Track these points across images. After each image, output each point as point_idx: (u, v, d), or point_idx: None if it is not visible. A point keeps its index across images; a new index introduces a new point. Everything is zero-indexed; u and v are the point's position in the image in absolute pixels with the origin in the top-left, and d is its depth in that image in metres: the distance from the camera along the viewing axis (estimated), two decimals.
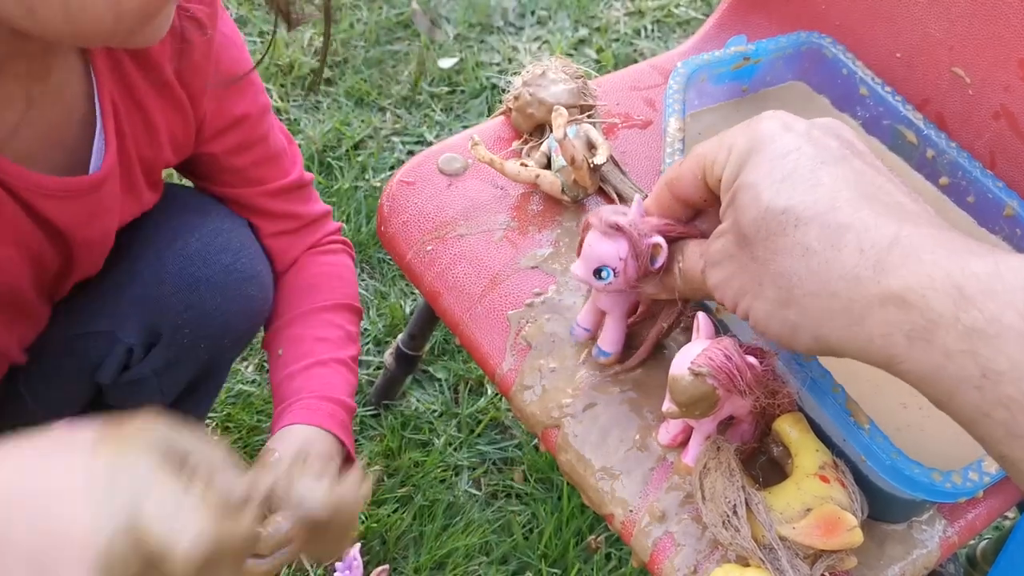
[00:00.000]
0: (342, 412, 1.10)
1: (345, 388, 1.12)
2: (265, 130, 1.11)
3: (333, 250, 1.21)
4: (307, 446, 1.05)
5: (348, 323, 1.18)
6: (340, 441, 1.08)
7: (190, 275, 1.08)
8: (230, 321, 1.12)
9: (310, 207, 1.19)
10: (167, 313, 1.08)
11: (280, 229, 1.17)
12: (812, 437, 0.82)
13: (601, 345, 0.94)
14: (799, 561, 0.76)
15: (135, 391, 1.16)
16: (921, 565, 0.86)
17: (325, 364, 1.13)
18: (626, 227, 0.79)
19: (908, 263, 0.59)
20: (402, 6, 2.24)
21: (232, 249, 1.11)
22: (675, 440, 0.90)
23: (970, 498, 0.81)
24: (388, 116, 2.03)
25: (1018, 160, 1.08)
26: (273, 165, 1.14)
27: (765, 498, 0.79)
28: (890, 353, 0.59)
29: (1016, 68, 1.07)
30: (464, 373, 1.65)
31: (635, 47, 2.24)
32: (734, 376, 0.77)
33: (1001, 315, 0.54)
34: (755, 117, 0.71)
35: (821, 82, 1.18)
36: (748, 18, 1.26)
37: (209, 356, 1.15)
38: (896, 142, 1.12)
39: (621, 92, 1.21)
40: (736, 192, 0.68)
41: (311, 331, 1.15)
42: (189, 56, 0.98)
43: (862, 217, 0.62)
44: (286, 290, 1.18)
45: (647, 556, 0.85)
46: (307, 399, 1.10)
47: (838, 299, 0.62)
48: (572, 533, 1.48)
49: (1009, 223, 1.04)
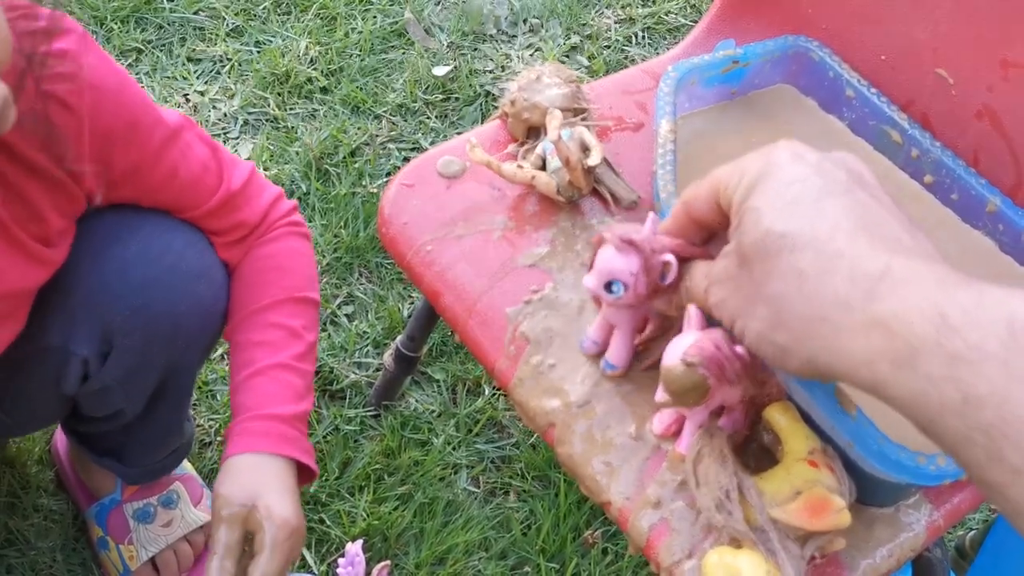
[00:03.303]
0: (279, 426, 1.10)
1: (285, 395, 1.12)
2: (176, 158, 1.07)
3: (278, 237, 1.17)
4: (249, 489, 1.06)
5: (291, 317, 1.15)
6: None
7: (133, 278, 1.07)
8: (180, 322, 1.11)
9: (253, 207, 1.16)
10: (114, 318, 1.08)
11: (228, 240, 1.15)
12: (801, 424, 0.84)
13: (609, 358, 0.97)
14: (790, 542, 0.79)
15: (102, 400, 1.16)
16: (908, 547, 0.89)
17: (262, 373, 1.12)
18: (639, 242, 0.82)
19: (896, 292, 0.60)
20: (396, 15, 2.26)
21: (175, 249, 1.09)
22: (669, 430, 0.93)
23: (954, 481, 0.84)
24: (384, 123, 2.05)
25: (1000, 158, 1.11)
26: (198, 187, 1.11)
27: (756, 483, 0.82)
28: (875, 379, 0.60)
29: (998, 69, 1.09)
30: (462, 374, 1.67)
31: (626, 54, 2.27)
32: (724, 366, 0.80)
33: (983, 343, 0.55)
34: (770, 145, 0.73)
35: (808, 85, 1.20)
36: (737, 23, 1.28)
37: (167, 361, 1.14)
38: (881, 142, 1.15)
39: (614, 96, 1.23)
40: (742, 215, 0.70)
41: (250, 336, 1.14)
42: (57, 139, 0.95)
43: (857, 247, 0.64)
44: (233, 289, 1.16)
45: (643, 542, 0.88)
46: (243, 421, 1.10)
47: (827, 324, 0.63)
48: (569, 529, 1.51)
49: (991, 219, 1.07)
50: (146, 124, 1.04)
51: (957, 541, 1.41)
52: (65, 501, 1.49)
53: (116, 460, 1.33)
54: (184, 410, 1.33)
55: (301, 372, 1.14)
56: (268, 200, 1.17)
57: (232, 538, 1.04)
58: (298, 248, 1.19)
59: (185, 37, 2.17)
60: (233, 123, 2.01)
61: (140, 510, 1.40)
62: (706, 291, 0.76)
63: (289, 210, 1.19)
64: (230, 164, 1.14)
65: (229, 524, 1.04)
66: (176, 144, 1.07)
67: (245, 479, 1.07)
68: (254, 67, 2.11)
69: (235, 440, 1.10)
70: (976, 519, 1.61)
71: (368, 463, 1.55)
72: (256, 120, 2.03)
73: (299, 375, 1.14)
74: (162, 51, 2.14)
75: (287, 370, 1.13)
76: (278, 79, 2.10)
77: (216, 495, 1.07)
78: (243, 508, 1.05)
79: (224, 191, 1.12)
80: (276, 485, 1.08)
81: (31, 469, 1.50)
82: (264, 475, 1.08)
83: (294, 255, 1.18)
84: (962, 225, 1.09)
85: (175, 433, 1.35)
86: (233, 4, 2.25)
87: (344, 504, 1.51)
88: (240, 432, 1.10)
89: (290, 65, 2.11)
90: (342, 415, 1.60)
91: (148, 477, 1.39)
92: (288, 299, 1.15)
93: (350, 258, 1.80)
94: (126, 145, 1.02)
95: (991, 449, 0.54)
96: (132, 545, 1.38)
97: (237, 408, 1.12)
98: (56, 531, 1.46)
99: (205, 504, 1.43)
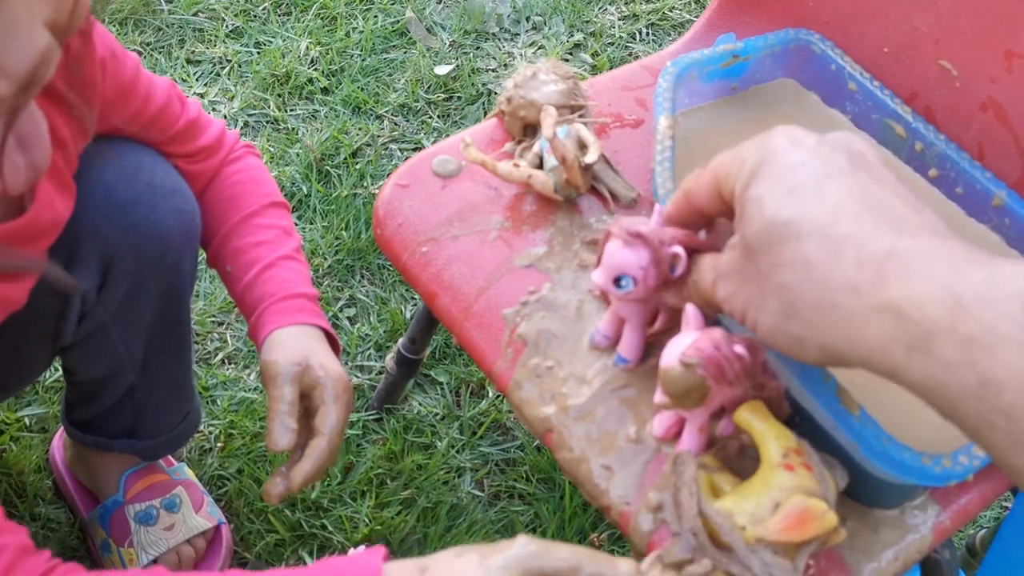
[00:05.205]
0: (307, 303, 1.15)
1: (301, 280, 1.17)
2: (147, 84, 1.12)
3: (240, 156, 1.24)
4: (299, 351, 1.09)
5: (279, 219, 1.21)
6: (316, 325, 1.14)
7: (118, 198, 1.10)
8: (166, 237, 1.14)
9: (208, 134, 1.21)
10: (108, 241, 1.11)
11: (193, 162, 1.20)
12: (772, 423, 0.81)
13: (621, 352, 0.96)
14: (778, 560, 0.76)
15: (100, 347, 1.19)
16: (915, 550, 0.87)
17: (274, 265, 1.16)
18: (648, 235, 0.81)
19: (905, 274, 0.59)
20: (397, 14, 2.25)
21: (146, 167, 1.13)
22: (669, 432, 0.91)
23: (961, 482, 0.82)
24: (385, 124, 2.04)
25: (1006, 151, 1.09)
26: (166, 112, 1.15)
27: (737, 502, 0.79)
28: (891, 364, 0.60)
29: (1002, 60, 1.08)
30: (465, 376, 1.66)
31: (630, 50, 2.26)
32: (723, 367, 0.78)
33: (998, 324, 0.55)
34: (767, 131, 0.72)
35: (810, 78, 1.19)
36: (737, 16, 1.27)
37: (158, 286, 1.17)
38: (885, 136, 1.13)
39: (613, 92, 1.22)
40: (744, 205, 0.69)
41: (249, 239, 1.18)
42: (79, 67, 0.99)
43: (862, 229, 0.63)
44: (210, 207, 1.21)
45: (644, 546, 0.87)
46: (274, 303, 1.14)
47: (839, 310, 0.62)
48: (574, 532, 1.49)
49: (997, 213, 1.05)
50: (119, 52, 1.08)
51: (967, 540, 1.39)
52: (63, 509, 1.48)
53: (130, 437, 1.35)
54: (187, 363, 1.35)
55: (304, 263, 1.20)
56: (219, 128, 1.23)
57: (291, 395, 1.06)
58: (259, 164, 1.26)
59: (184, 39, 2.16)
60: (233, 125, 2.00)
61: (142, 512, 1.39)
62: (714, 285, 0.76)
63: (237, 136, 1.26)
64: (184, 96, 1.20)
65: (286, 382, 1.06)
66: (142, 72, 1.12)
67: (293, 345, 1.10)
68: (254, 68, 2.10)
69: (271, 319, 1.13)
70: (987, 516, 1.59)
71: (371, 467, 1.54)
72: (256, 122, 2.02)
73: (304, 265, 1.20)
74: (161, 53, 2.13)
75: (293, 260, 1.18)
76: (278, 80, 2.09)
77: (267, 363, 1.09)
78: (298, 367, 1.07)
79: (186, 118, 1.18)
80: (323, 348, 1.12)
81: (28, 477, 1.49)
82: (310, 341, 1.12)
83: (260, 169, 1.25)
84: (968, 219, 1.07)
85: (183, 391, 1.37)
86: (232, 5, 2.24)
87: (346, 509, 1.49)
88: (274, 312, 1.14)
89: (290, 66, 2.10)
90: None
91: (165, 449, 1.40)
92: (270, 204, 1.21)
93: (351, 260, 1.78)
94: (112, 70, 1.06)
95: (1013, 432, 0.54)
96: (132, 548, 1.38)
97: (259, 298, 1.15)
98: (54, 540, 1.44)
99: (206, 511, 1.42)
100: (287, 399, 1.05)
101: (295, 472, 1.05)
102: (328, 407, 1.06)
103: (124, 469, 1.41)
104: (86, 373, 1.24)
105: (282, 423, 1.04)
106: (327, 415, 1.06)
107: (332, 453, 1.07)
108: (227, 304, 1.70)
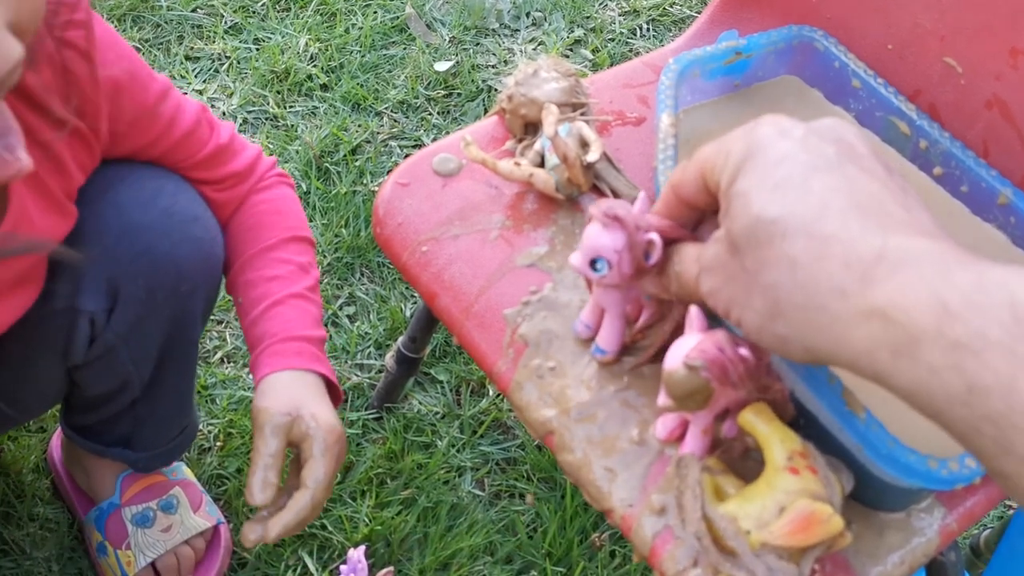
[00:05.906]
0: (308, 346, 1.13)
1: (306, 321, 1.15)
2: (172, 109, 1.10)
3: (270, 185, 1.22)
4: (291, 400, 1.07)
5: (297, 254, 1.19)
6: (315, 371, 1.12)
7: (129, 222, 1.09)
8: (182, 266, 1.12)
9: (239, 160, 1.19)
10: (117, 265, 1.09)
11: (220, 189, 1.18)
12: (777, 426, 0.80)
13: (599, 343, 0.95)
14: (783, 563, 0.75)
15: (109, 366, 1.18)
16: (921, 553, 0.86)
17: (282, 303, 1.14)
18: (624, 218, 0.79)
19: (892, 277, 0.58)
20: (397, 10, 2.24)
21: (167, 192, 1.12)
22: (672, 434, 0.90)
23: (967, 485, 0.81)
24: (385, 120, 2.03)
25: (1011, 148, 1.08)
26: (192, 138, 1.13)
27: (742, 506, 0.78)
28: (877, 369, 0.59)
29: (1007, 57, 1.07)
30: (465, 375, 1.65)
31: (631, 46, 2.25)
32: (727, 369, 0.77)
33: (985, 330, 0.53)
34: (754, 121, 0.71)
35: (813, 75, 1.18)
36: (740, 13, 1.26)
37: (171, 312, 1.16)
38: (889, 133, 1.12)
39: (614, 90, 1.21)
40: (730, 200, 0.68)
41: (263, 272, 1.16)
42: (78, 88, 0.98)
43: (849, 228, 0.61)
44: (233, 236, 1.20)
45: (647, 550, 0.86)
46: (273, 344, 1.12)
47: (825, 312, 0.61)
48: (576, 531, 1.49)
49: (1003, 211, 1.04)
50: (143, 76, 1.07)
51: (972, 540, 1.38)
52: (61, 510, 1.47)
53: (125, 447, 1.34)
54: (191, 378, 1.33)
55: (316, 303, 1.18)
56: (252, 154, 1.21)
57: (275, 448, 1.05)
58: (290, 195, 1.24)
59: (183, 35, 2.15)
60: (232, 122, 1.98)
61: (139, 514, 1.38)
62: (697, 278, 0.74)
63: (273, 163, 1.24)
64: (214, 120, 1.18)
65: (272, 433, 1.05)
66: (170, 96, 1.10)
67: (285, 393, 1.09)
68: (253, 65, 2.09)
69: (267, 361, 1.11)
70: (991, 516, 1.58)
71: (370, 467, 1.53)
72: (255, 118, 2.01)
73: (315, 305, 1.18)
74: (159, 50, 2.12)
75: (304, 299, 1.16)
76: (277, 77, 2.08)
77: (257, 410, 1.07)
78: (287, 417, 1.06)
79: (215, 143, 1.16)
80: (317, 396, 1.10)
81: (26, 478, 1.48)
82: (303, 388, 1.10)
83: (288, 200, 1.22)
84: (973, 218, 1.06)
85: (184, 407, 1.35)
86: (231, 1, 2.23)
87: (346, 509, 1.49)
88: (272, 353, 1.12)
89: (289, 62, 2.09)
90: (344, 418, 1.57)
91: (157, 462, 1.39)
92: (291, 238, 1.19)
93: (351, 258, 1.78)
94: (130, 94, 1.05)
95: (1001, 439, 0.53)
96: (129, 550, 1.37)
97: (260, 336, 1.14)
98: (52, 540, 1.44)
99: (204, 510, 1.41)
100: (271, 451, 1.04)
101: (273, 523, 1.03)
102: (316, 460, 1.05)
103: (120, 471, 1.40)
104: (94, 389, 1.23)
105: (263, 478, 1.03)
106: (314, 468, 1.05)
107: (316, 508, 1.05)
108: (226, 303, 1.69)
